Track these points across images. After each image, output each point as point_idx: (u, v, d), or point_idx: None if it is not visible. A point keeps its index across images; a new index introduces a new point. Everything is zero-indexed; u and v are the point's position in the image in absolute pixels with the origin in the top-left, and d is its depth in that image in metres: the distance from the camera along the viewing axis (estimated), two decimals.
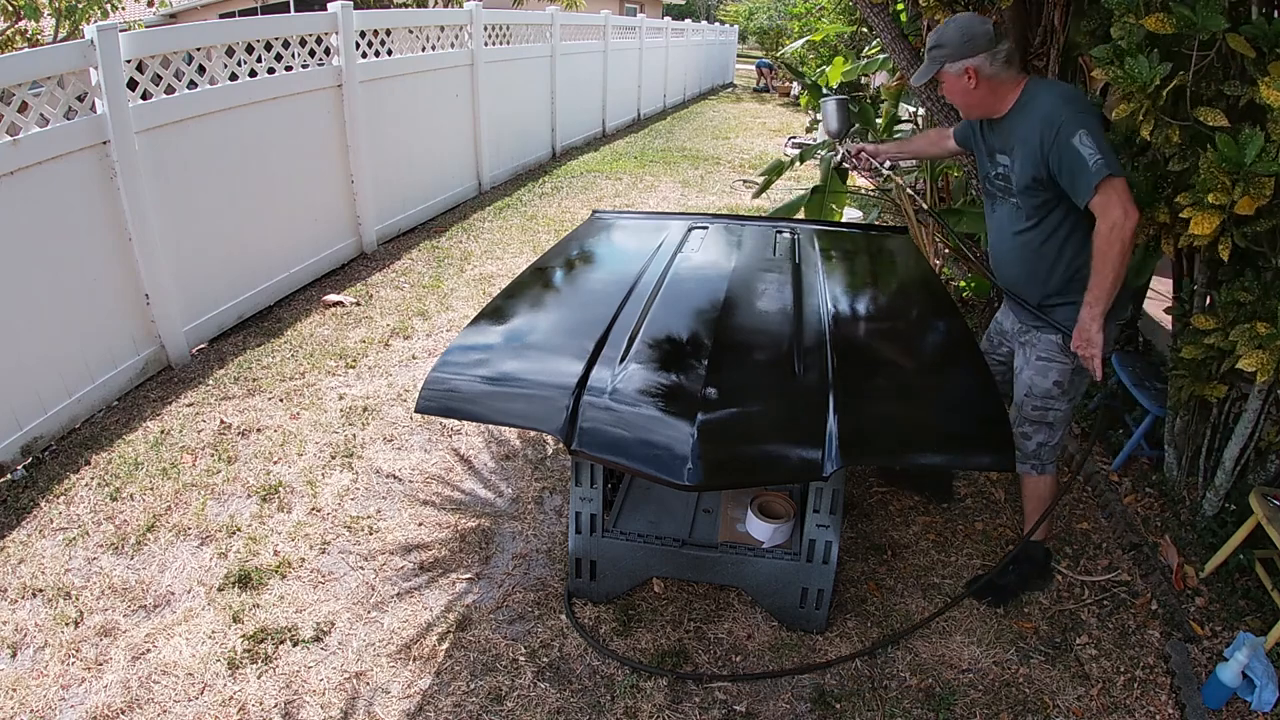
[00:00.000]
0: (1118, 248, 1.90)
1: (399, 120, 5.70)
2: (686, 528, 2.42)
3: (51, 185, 3.07)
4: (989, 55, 2.02)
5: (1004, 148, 2.13)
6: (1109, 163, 1.87)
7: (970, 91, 2.08)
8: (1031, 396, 2.26)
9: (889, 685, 2.16)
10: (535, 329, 2.37)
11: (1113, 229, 1.88)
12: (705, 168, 8.95)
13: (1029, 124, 2.02)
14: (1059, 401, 2.25)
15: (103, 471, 2.99)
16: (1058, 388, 2.23)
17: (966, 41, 2.02)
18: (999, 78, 2.05)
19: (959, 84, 2.09)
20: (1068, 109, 1.95)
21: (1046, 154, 1.97)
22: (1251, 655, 2.05)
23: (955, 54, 2.04)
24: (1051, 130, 1.94)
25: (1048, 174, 2.00)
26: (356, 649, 2.24)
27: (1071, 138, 1.90)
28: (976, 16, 2.05)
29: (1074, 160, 1.90)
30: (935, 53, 2.09)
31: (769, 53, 20.68)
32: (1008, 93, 2.08)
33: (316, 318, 4.42)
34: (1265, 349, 2.11)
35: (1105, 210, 1.89)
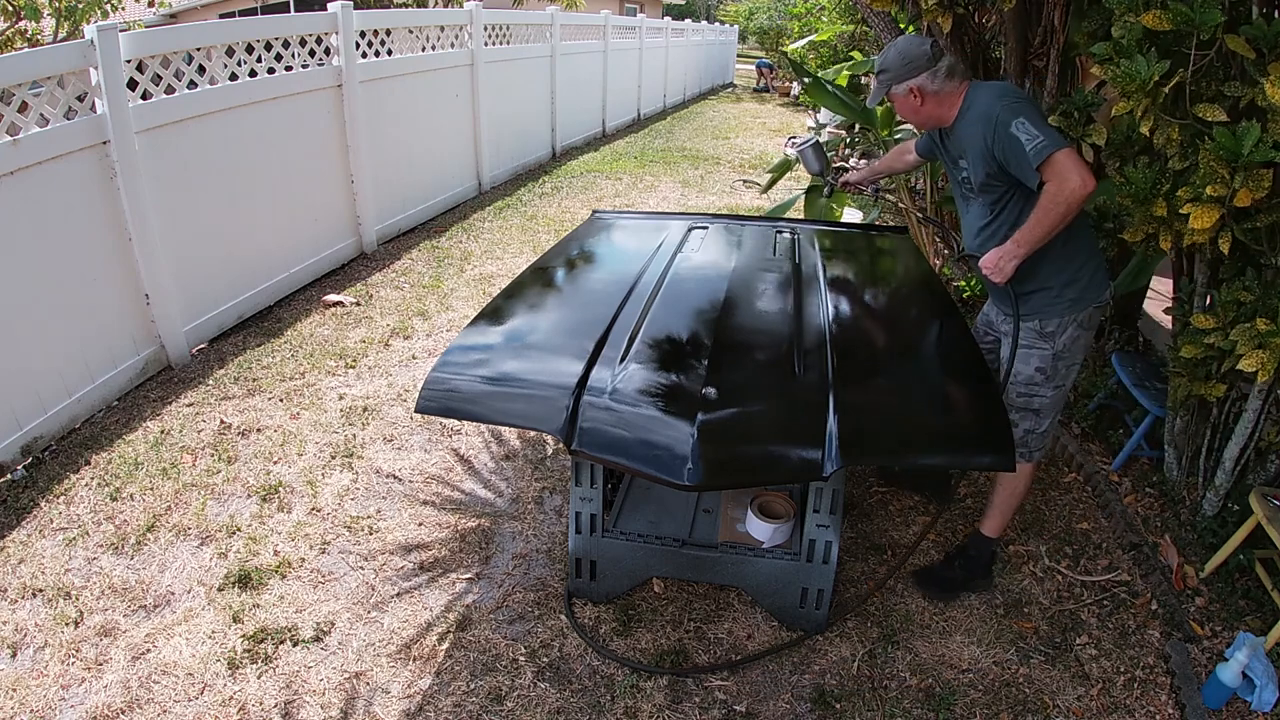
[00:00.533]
0: (1061, 210, 1.94)
1: (399, 120, 5.70)
2: (686, 528, 2.42)
3: (51, 185, 3.07)
4: (930, 73, 2.14)
5: (959, 152, 2.22)
6: (1050, 139, 1.93)
7: (919, 109, 2.20)
8: (1015, 383, 2.29)
9: (889, 685, 2.16)
10: (535, 329, 2.37)
11: (1060, 190, 1.91)
12: (705, 168, 8.95)
13: (972, 126, 2.11)
14: (1043, 388, 2.26)
15: (103, 471, 2.99)
16: (1040, 374, 2.25)
17: (906, 64, 2.15)
18: (943, 91, 2.16)
19: (907, 103, 2.21)
20: (1000, 102, 2.04)
21: (991, 148, 2.04)
22: (1251, 655, 2.05)
23: (898, 76, 2.16)
24: (990, 126, 2.03)
25: (998, 167, 2.07)
26: (356, 649, 2.24)
27: (1009, 127, 1.97)
28: (914, 38, 2.19)
29: (1015, 148, 1.97)
30: (881, 77, 2.22)
31: (769, 52, 20.67)
32: (953, 102, 2.17)
33: (316, 318, 4.42)
34: (1265, 348, 2.11)
35: (1061, 178, 1.91)
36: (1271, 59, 1.98)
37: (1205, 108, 2.09)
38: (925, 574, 2.54)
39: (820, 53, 11.50)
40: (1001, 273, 2.09)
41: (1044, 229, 1.99)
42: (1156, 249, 2.51)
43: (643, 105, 12.79)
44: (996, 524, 2.46)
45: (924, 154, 2.62)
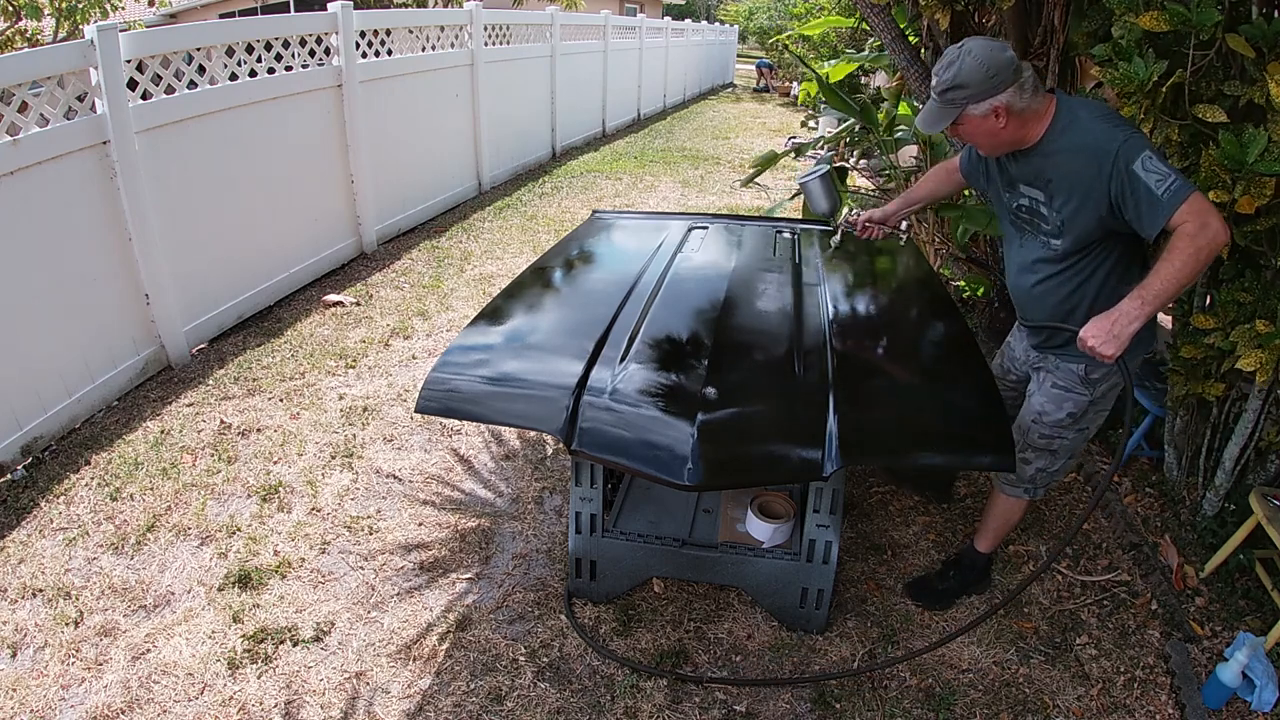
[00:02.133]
0: (1205, 258, 1.63)
1: (399, 120, 5.70)
2: (686, 528, 2.42)
3: (51, 185, 3.07)
4: (1016, 87, 1.75)
5: (1033, 179, 1.88)
6: (1181, 178, 1.63)
7: (998, 131, 1.81)
8: (1040, 424, 2.10)
9: (889, 685, 2.16)
10: (535, 329, 2.37)
11: (1203, 234, 1.61)
12: (705, 168, 8.95)
13: (1072, 157, 1.77)
14: (1068, 432, 2.09)
15: (103, 471, 2.99)
16: (1070, 418, 2.07)
17: (992, 77, 1.74)
18: (1029, 109, 1.79)
19: (985, 125, 1.81)
20: (1118, 133, 1.71)
21: (1108, 189, 1.72)
22: (1251, 655, 2.05)
23: (980, 93, 1.76)
24: (1107, 162, 1.70)
25: (1109, 209, 1.74)
26: (356, 649, 2.24)
27: (1132, 164, 1.66)
28: (994, 43, 1.78)
29: (1141, 190, 1.66)
30: (954, 94, 1.79)
31: (769, 52, 20.68)
32: (1038, 122, 1.82)
33: (316, 318, 4.42)
34: (1265, 348, 2.11)
35: (1203, 222, 1.61)
36: (1271, 58, 1.98)
37: (1205, 108, 2.09)
38: (920, 584, 2.48)
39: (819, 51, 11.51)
40: (1118, 342, 1.68)
41: (1183, 281, 1.65)
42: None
43: (643, 105, 12.79)
44: (989, 542, 2.41)
45: (968, 175, 2.22)
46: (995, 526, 2.36)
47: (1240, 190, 2.01)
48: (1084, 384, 2.02)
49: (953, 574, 2.46)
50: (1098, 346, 1.70)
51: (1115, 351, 1.70)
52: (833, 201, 2.46)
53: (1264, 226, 2.15)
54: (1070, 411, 2.06)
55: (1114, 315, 1.69)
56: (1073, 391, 2.04)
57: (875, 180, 7.77)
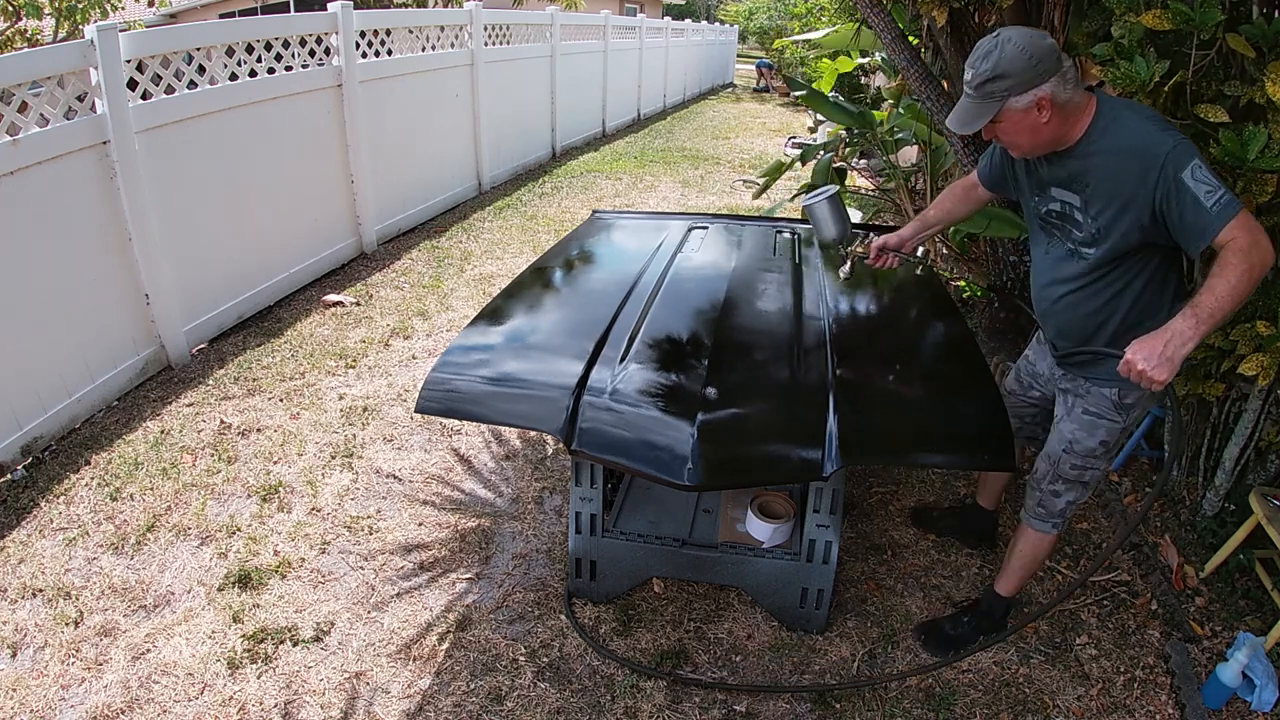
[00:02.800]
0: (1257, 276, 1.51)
1: (399, 120, 5.70)
2: (686, 528, 2.42)
3: (51, 185, 3.07)
4: (1060, 77, 1.62)
5: (1068, 183, 1.76)
6: (1230, 192, 1.53)
7: (1040, 128, 1.67)
8: (1072, 453, 1.96)
9: (889, 685, 2.16)
10: (535, 329, 2.37)
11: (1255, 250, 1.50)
12: (705, 168, 8.95)
13: (1114, 159, 1.65)
14: (1100, 461, 1.97)
15: (103, 471, 2.99)
16: (1103, 447, 1.94)
17: (1036, 65, 1.60)
18: (1071, 103, 1.65)
19: (1028, 120, 1.66)
20: (1167, 138, 1.58)
21: (1154, 197, 1.59)
22: (1251, 655, 2.05)
23: (1024, 82, 1.62)
24: (1155, 168, 1.57)
25: (1151, 218, 1.62)
26: (356, 649, 2.23)
27: (1181, 173, 1.54)
28: (1032, 31, 1.64)
29: (1190, 202, 1.54)
30: (994, 86, 1.64)
31: (769, 52, 20.68)
32: (1079, 119, 1.69)
33: (316, 318, 4.42)
34: (1266, 351, 2.11)
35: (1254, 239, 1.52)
36: (1272, 58, 1.98)
37: (1206, 108, 2.09)
38: (931, 628, 2.32)
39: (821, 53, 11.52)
40: (1171, 366, 1.50)
41: (1238, 299, 1.51)
42: None
43: (643, 105, 12.79)
44: (1013, 585, 2.21)
45: (995, 187, 2.08)
46: (1021, 566, 2.17)
47: (1241, 188, 2.01)
48: (1118, 410, 1.88)
49: (967, 619, 2.29)
50: (1149, 370, 1.50)
51: (1168, 377, 1.50)
52: (842, 227, 2.17)
53: (1265, 225, 2.15)
54: (1103, 440, 1.93)
55: (1166, 335, 1.51)
56: (1105, 418, 1.90)
57: (875, 180, 7.77)
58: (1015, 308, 3.76)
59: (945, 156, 4.57)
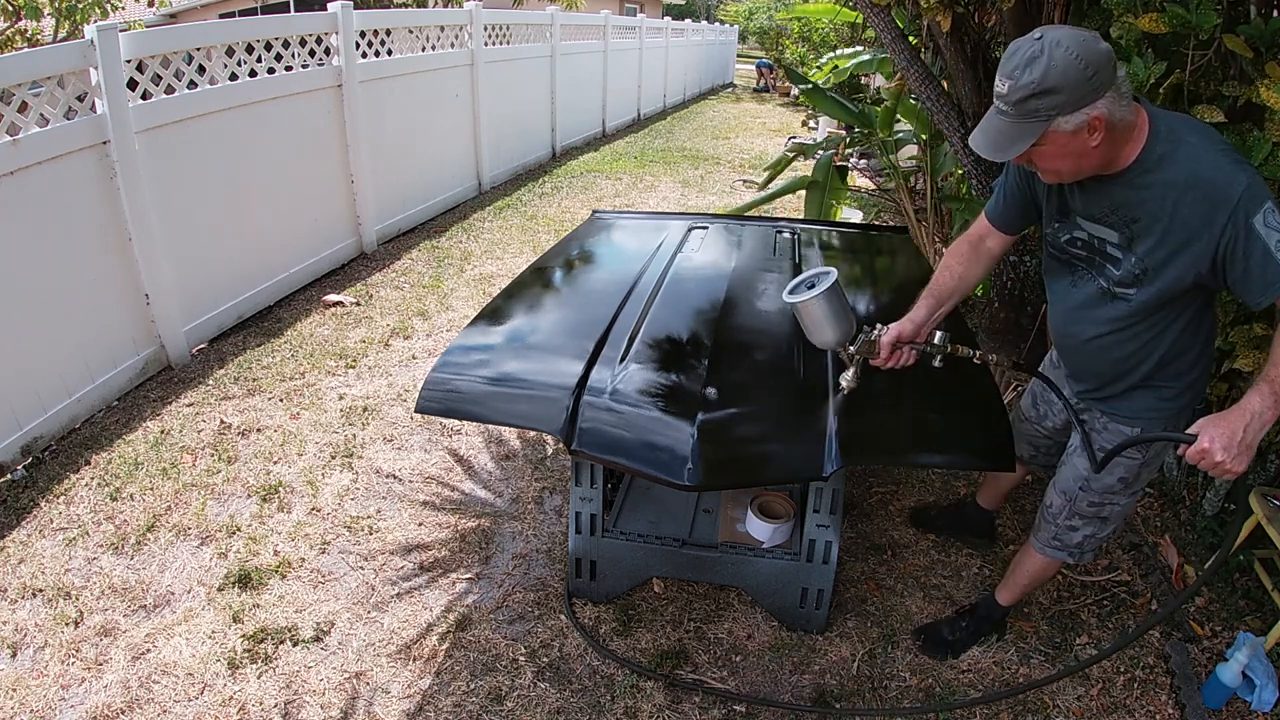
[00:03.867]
0: None
1: (399, 120, 5.70)
2: (686, 528, 2.42)
3: (51, 185, 3.07)
4: (1115, 91, 1.35)
5: (1105, 216, 1.53)
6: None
7: (1090, 152, 1.40)
8: (1089, 491, 1.84)
9: (889, 685, 2.16)
10: (535, 329, 2.38)
11: None
12: (705, 168, 8.95)
13: (1174, 193, 1.41)
14: (1120, 496, 1.84)
15: (103, 471, 2.99)
16: (1122, 483, 1.81)
17: (1091, 77, 1.32)
18: (1124, 121, 1.39)
19: (1074, 144, 1.39)
20: (1241, 174, 1.35)
21: (1219, 241, 1.38)
22: (1251, 655, 2.05)
23: (1076, 99, 1.33)
24: (1225, 209, 1.35)
25: (1211, 265, 1.41)
26: (356, 649, 2.24)
27: (1254, 217, 1.32)
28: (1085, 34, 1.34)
29: (1256, 249, 1.34)
30: (1039, 102, 1.34)
31: (769, 52, 20.68)
32: (1128, 141, 1.43)
33: (316, 318, 4.42)
34: (1262, 350, 2.11)
35: None
36: (1269, 58, 1.98)
37: (1204, 109, 2.09)
38: (929, 632, 2.31)
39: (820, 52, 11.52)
40: (1250, 454, 1.32)
41: None
42: None
43: (643, 105, 12.79)
44: (1013, 597, 2.21)
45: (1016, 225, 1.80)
46: (1024, 582, 2.14)
47: None
48: (1137, 448, 1.75)
49: (965, 623, 2.28)
50: (1228, 462, 1.31)
51: (1245, 466, 1.33)
52: (844, 327, 1.62)
53: None
54: (1121, 476, 1.80)
55: (1244, 418, 1.32)
56: (1124, 456, 1.76)
57: (875, 180, 7.77)
58: (1016, 308, 3.76)
59: (943, 157, 4.57)
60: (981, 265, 1.85)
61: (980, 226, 1.84)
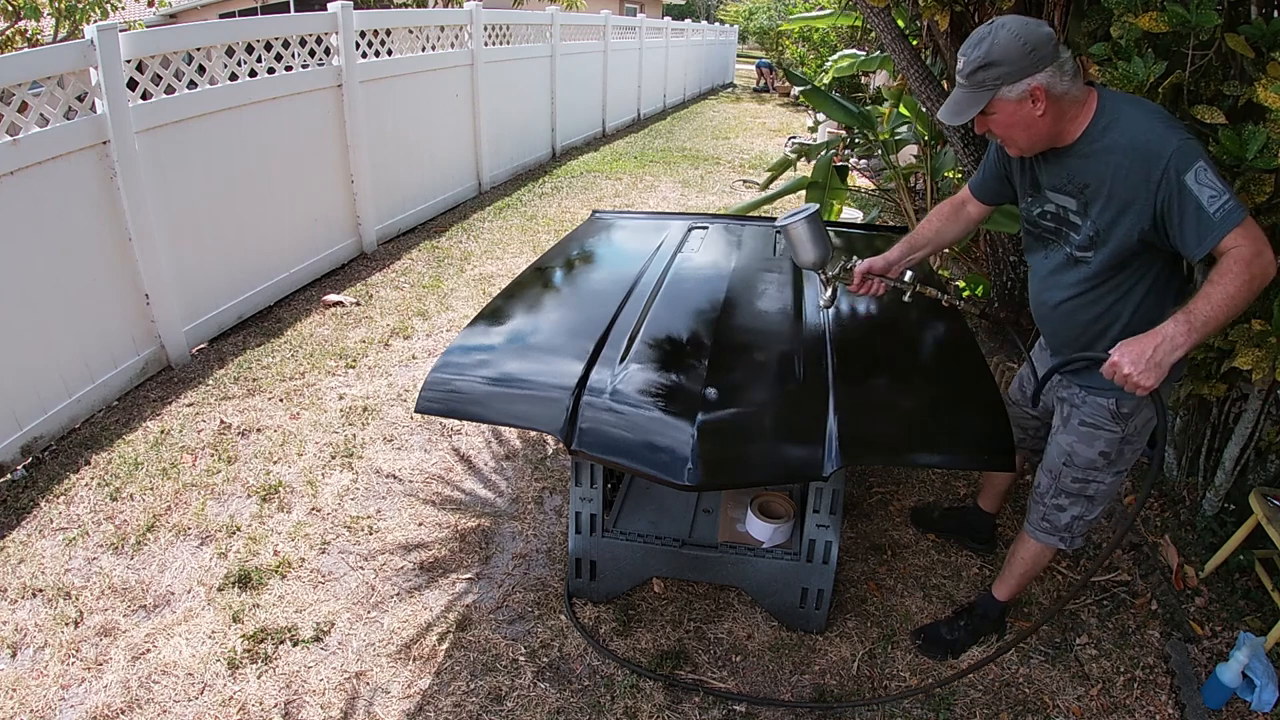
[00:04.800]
0: (1257, 287, 1.45)
1: (399, 120, 5.70)
2: (686, 528, 2.42)
3: (51, 185, 3.07)
4: (1056, 67, 1.55)
5: (1065, 184, 1.69)
6: (1235, 198, 1.47)
7: (1036, 120, 1.60)
8: (1072, 466, 1.91)
9: (889, 685, 2.16)
10: (535, 329, 2.37)
11: (1257, 261, 1.44)
12: (705, 168, 8.95)
13: (1113, 157, 1.58)
14: (1104, 474, 1.90)
15: (103, 471, 2.99)
16: (1104, 458, 1.87)
17: (1030, 52, 1.53)
18: (1068, 96, 1.58)
19: (1022, 112, 1.59)
20: (1172, 137, 1.51)
21: (1155, 199, 1.53)
22: (1251, 655, 2.05)
23: (1017, 71, 1.54)
24: (1157, 168, 1.50)
25: (1152, 221, 1.56)
26: (356, 649, 2.24)
27: (1185, 175, 1.47)
28: (1029, 19, 1.57)
29: (1191, 206, 1.48)
30: (984, 74, 1.57)
31: (769, 52, 20.68)
32: (1077, 115, 1.62)
33: (316, 318, 4.42)
34: (1261, 347, 2.11)
35: (1257, 249, 1.46)
36: (1270, 58, 1.98)
37: (1203, 109, 2.09)
38: (927, 633, 2.30)
39: (820, 52, 11.52)
40: (1159, 371, 1.46)
41: (1236, 308, 1.45)
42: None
43: (643, 105, 12.79)
44: (1010, 590, 2.21)
45: (992, 198, 1.99)
46: (1020, 573, 2.15)
47: (1239, 187, 2.01)
48: (1115, 419, 1.82)
49: (963, 622, 2.28)
50: (1134, 375, 1.46)
51: (1155, 382, 1.47)
52: (822, 250, 1.91)
53: (1263, 225, 2.15)
54: (1103, 450, 1.86)
55: (1155, 339, 1.46)
56: (1103, 428, 1.84)
57: (875, 180, 7.78)
58: (1015, 307, 3.77)
59: (940, 157, 4.57)
60: (959, 226, 2.07)
61: (963, 194, 2.06)
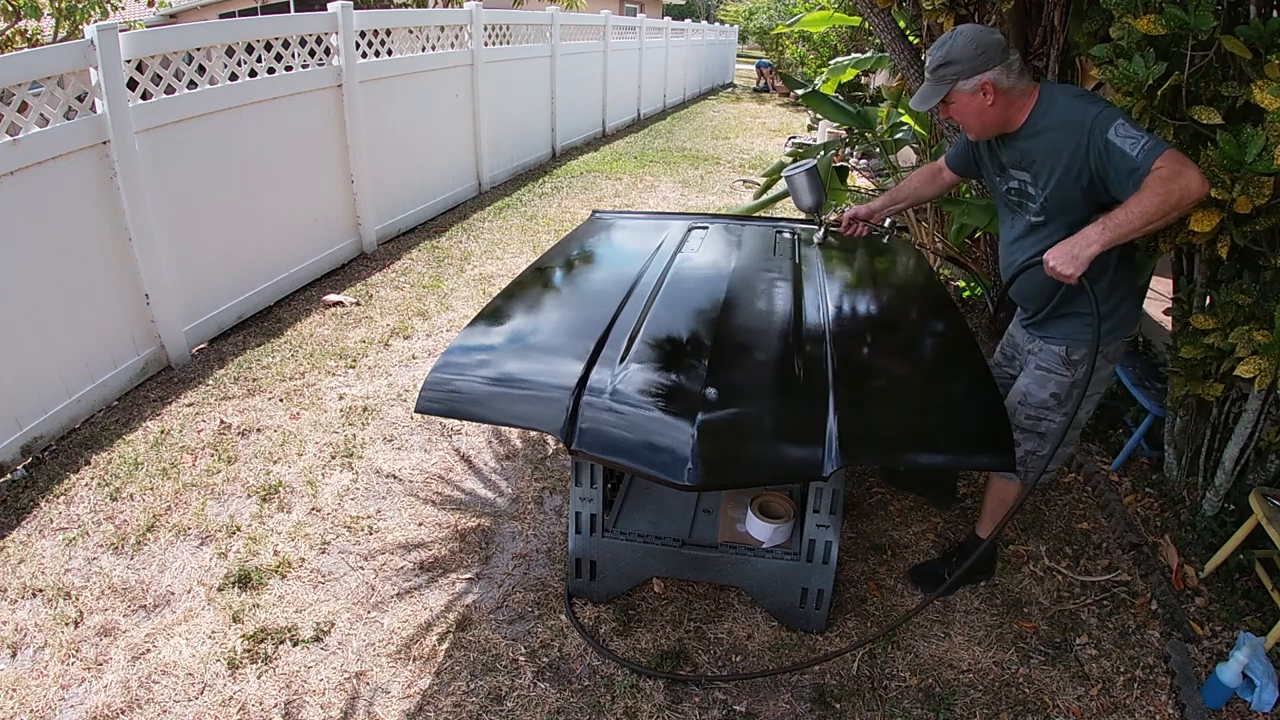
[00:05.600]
0: (1175, 199, 1.66)
1: (399, 120, 5.70)
2: (686, 528, 2.42)
3: (51, 185, 3.07)
4: (1004, 67, 1.88)
5: (1021, 163, 1.99)
6: (1156, 140, 1.72)
7: (987, 109, 1.93)
8: (1025, 405, 2.18)
9: (889, 685, 2.16)
10: (535, 329, 2.37)
11: (1176, 178, 1.65)
12: (705, 168, 8.95)
13: (1053, 134, 1.89)
14: (1054, 414, 2.15)
15: (103, 471, 2.99)
16: (1054, 399, 2.14)
17: (981, 54, 1.87)
18: (1015, 89, 1.91)
19: (974, 102, 1.93)
20: (1092, 106, 1.82)
21: (1087, 159, 1.82)
22: (1251, 655, 2.05)
23: (969, 69, 1.89)
24: (1083, 134, 1.80)
25: (1089, 182, 1.84)
26: (356, 649, 2.24)
27: (1107, 133, 1.76)
28: (982, 27, 1.92)
29: (1117, 156, 1.75)
30: (944, 70, 1.92)
31: (769, 52, 20.68)
32: (1024, 105, 1.94)
33: (316, 318, 4.42)
34: (1263, 355, 2.11)
35: (1177, 170, 1.66)
36: (1267, 59, 1.98)
37: (1201, 110, 2.09)
38: (922, 570, 2.56)
39: (820, 53, 11.52)
40: (1076, 263, 1.76)
41: (1149, 218, 1.68)
42: (1156, 249, 2.51)
43: (643, 105, 12.79)
44: (987, 526, 2.44)
45: (961, 170, 2.35)
46: (991, 509, 2.42)
47: (1239, 190, 2.01)
48: (1065, 365, 2.10)
49: (955, 559, 2.53)
50: (1058, 266, 1.79)
51: (1074, 271, 1.77)
52: (817, 197, 2.42)
53: (1263, 226, 2.15)
54: (1053, 392, 2.13)
55: (1076, 238, 1.79)
56: (1054, 373, 2.12)
57: (875, 180, 7.78)
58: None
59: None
60: (934, 188, 2.49)
61: (940, 163, 2.44)
